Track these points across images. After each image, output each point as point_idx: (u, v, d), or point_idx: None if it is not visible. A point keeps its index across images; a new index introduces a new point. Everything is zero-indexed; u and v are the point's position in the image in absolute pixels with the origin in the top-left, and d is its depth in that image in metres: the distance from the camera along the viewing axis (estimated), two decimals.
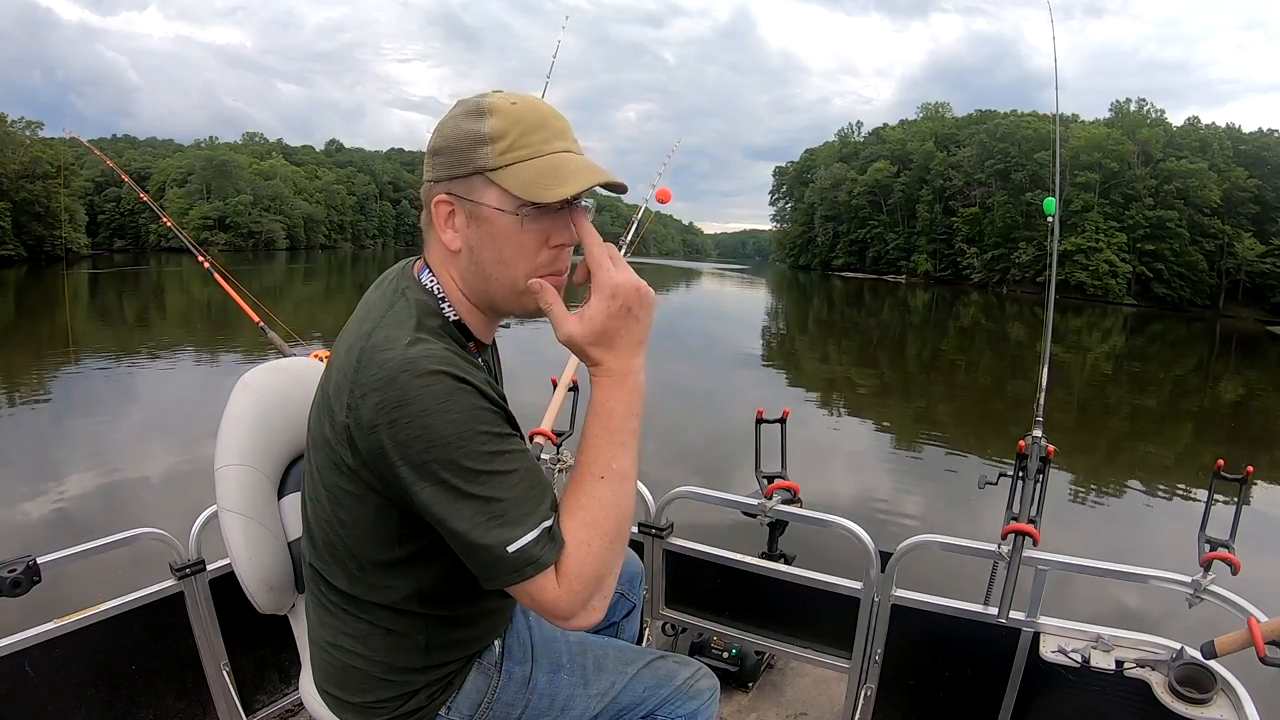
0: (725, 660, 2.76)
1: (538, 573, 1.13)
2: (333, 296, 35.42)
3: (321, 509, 1.26)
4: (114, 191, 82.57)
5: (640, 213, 3.34)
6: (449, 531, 1.13)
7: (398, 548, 1.23)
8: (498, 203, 1.18)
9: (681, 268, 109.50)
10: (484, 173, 1.18)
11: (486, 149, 1.17)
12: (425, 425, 1.08)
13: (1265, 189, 63.06)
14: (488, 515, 1.11)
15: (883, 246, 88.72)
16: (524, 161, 1.17)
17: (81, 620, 1.98)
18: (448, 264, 1.27)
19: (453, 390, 1.11)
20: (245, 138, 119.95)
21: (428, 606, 1.29)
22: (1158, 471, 10.50)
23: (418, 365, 1.11)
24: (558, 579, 1.14)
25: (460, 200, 1.21)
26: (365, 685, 1.33)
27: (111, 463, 8.35)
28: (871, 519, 7.05)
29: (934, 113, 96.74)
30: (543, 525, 1.14)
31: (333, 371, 1.21)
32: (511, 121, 1.18)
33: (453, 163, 1.20)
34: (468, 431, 1.10)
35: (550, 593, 1.14)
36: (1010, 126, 74.71)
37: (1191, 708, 1.87)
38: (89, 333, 19.28)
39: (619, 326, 1.19)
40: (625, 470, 1.21)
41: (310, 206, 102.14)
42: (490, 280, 1.25)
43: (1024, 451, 2.17)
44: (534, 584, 1.14)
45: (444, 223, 1.23)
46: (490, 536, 1.11)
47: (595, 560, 1.16)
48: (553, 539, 1.15)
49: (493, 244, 1.21)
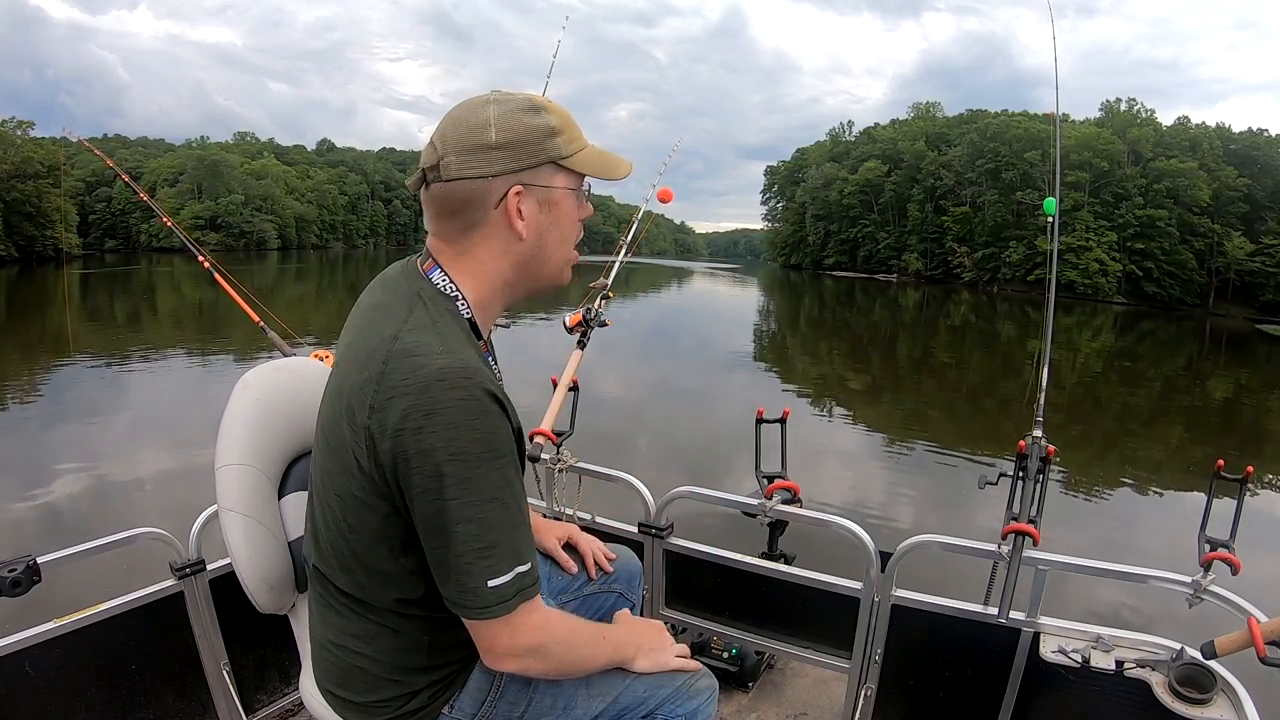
0: (725, 660, 2.76)
1: (502, 614, 1.22)
2: (325, 296, 35.41)
3: (329, 512, 1.26)
4: (105, 191, 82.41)
5: (640, 213, 3.34)
6: (439, 549, 1.18)
7: (402, 558, 1.24)
8: (566, 184, 1.32)
9: (673, 267, 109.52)
10: (556, 160, 1.29)
11: (558, 139, 1.28)
12: (451, 439, 1.12)
13: (1255, 188, 63.40)
14: (481, 545, 1.17)
15: (874, 246, 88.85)
16: (584, 149, 1.33)
17: (81, 620, 1.97)
18: (501, 256, 1.33)
19: (484, 410, 1.15)
20: (236, 137, 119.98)
21: (432, 609, 1.29)
22: (1148, 469, 10.54)
23: (453, 377, 1.14)
24: (510, 629, 1.24)
25: (531, 188, 1.28)
26: (368, 685, 1.33)
27: (109, 463, 8.36)
28: (869, 518, 7.06)
29: (925, 112, 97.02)
30: (518, 569, 1.21)
31: (350, 372, 1.22)
32: (564, 118, 1.30)
33: (525, 154, 1.26)
34: (489, 455, 1.16)
35: (501, 638, 1.25)
36: (1001, 126, 74.82)
37: (1191, 708, 1.87)
38: (84, 334, 19.22)
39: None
40: (589, 662, 1.43)
41: (302, 206, 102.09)
42: (548, 260, 1.37)
43: (1024, 451, 2.17)
44: (490, 626, 1.23)
45: (516, 212, 1.28)
46: (477, 566, 1.18)
47: (553, 644, 1.31)
48: (524, 583, 1.23)
49: (558, 225, 1.34)
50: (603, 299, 2.90)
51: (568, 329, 2.88)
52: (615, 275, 3.10)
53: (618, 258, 3.20)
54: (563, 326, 2.89)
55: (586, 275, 2.61)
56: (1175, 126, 71.04)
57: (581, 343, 2.88)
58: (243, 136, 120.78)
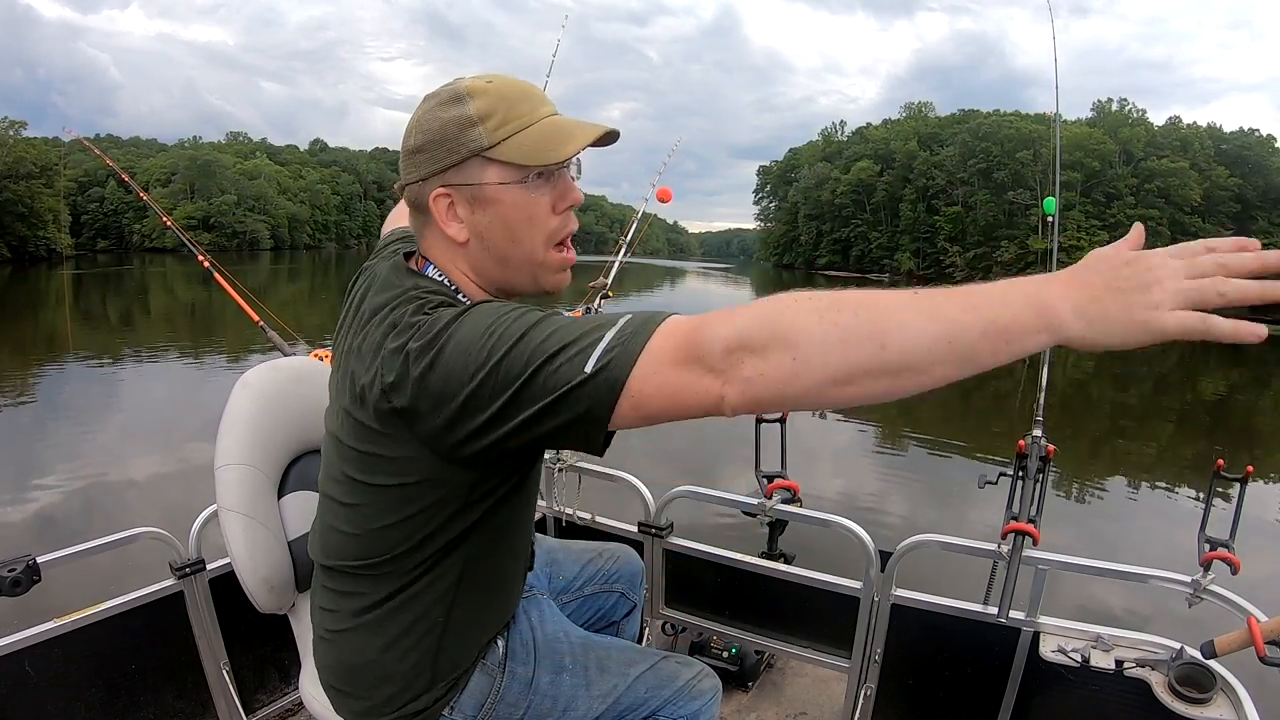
0: (725, 660, 2.76)
1: (638, 344, 0.94)
2: (317, 296, 35.28)
3: (338, 511, 1.26)
4: (97, 192, 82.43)
5: (639, 214, 3.34)
6: (534, 414, 0.99)
7: (413, 558, 1.23)
8: (500, 178, 1.18)
9: (666, 267, 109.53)
10: (480, 154, 1.16)
11: (478, 129, 1.16)
12: (461, 339, 1.03)
13: (1246, 187, 63.79)
14: (551, 354, 0.97)
15: (866, 245, 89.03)
16: (521, 132, 1.17)
17: (81, 620, 1.97)
18: (455, 258, 1.25)
19: (485, 307, 1.07)
20: (229, 137, 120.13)
21: (442, 610, 1.28)
22: (1142, 468, 10.56)
23: (447, 314, 1.08)
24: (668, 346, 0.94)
25: (458, 188, 1.19)
26: (373, 685, 1.33)
27: (106, 464, 8.32)
28: (868, 518, 7.07)
29: (917, 112, 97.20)
30: (611, 329, 0.97)
31: (350, 360, 1.19)
32: (496, 98, 1.17)
33: (442, 154, 1.17)
34: (505, 317, 1.03)
35: (675, 335, 0.94)
36: (993, 126, 75.07)
37: (1191, 707, 1.87)
38: (80, 334, 19.16)
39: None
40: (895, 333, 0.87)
41: (294, 206, 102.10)
42: (507, 262, 1.24)
43: (1024, 451, 2.17)
44: (651, 344, 0.94)
45: (446, 217, 1.20)
46: (563, 371, 0.96)
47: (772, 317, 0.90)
48: (641, 324, 0.97)
49: (502, 223, 1.20)
50: (603, 299, 2.90)
51: None
52: (614, 275, 3.08)
53: (617, 257, 3.19)
54: None
55: (586, 275, 2.61)
56: (1166, 126, 71.36)
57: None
58: (235, 136, 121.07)
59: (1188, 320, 0.82)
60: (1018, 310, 0.85)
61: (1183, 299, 0.83)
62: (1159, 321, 0.82)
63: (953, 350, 0.85)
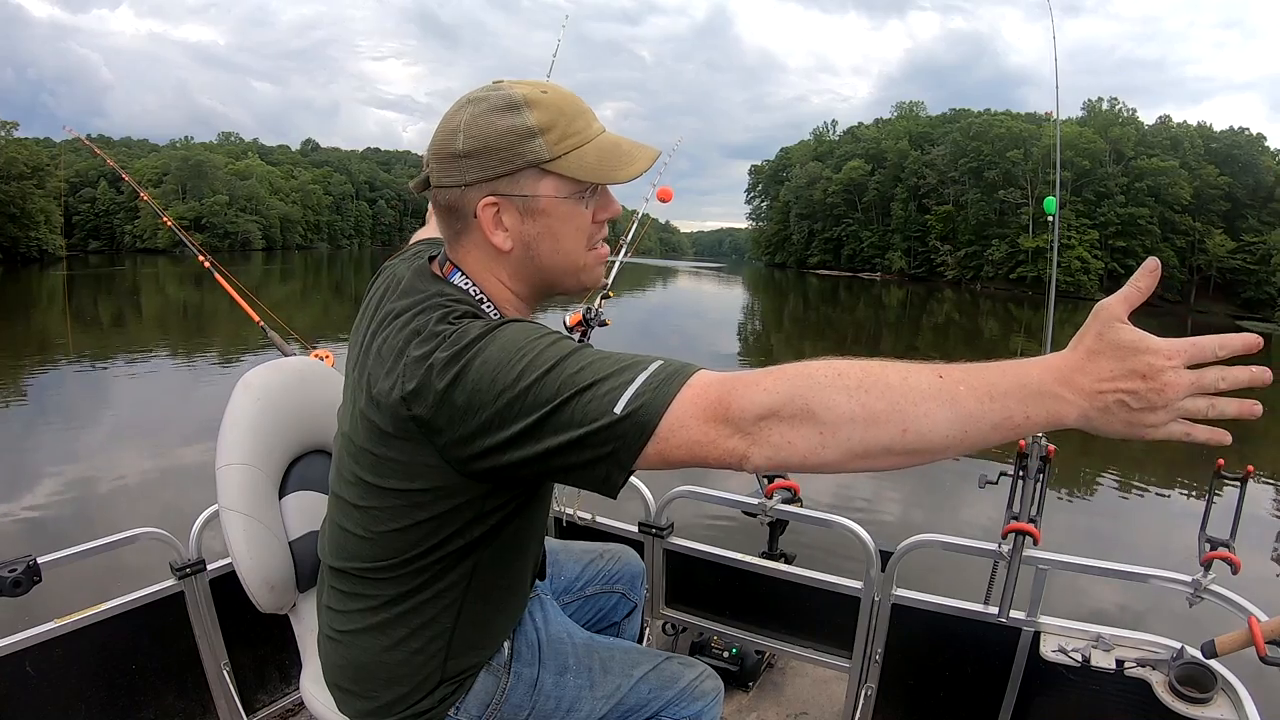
0: (725, 660, 2.75)
1: (669, 394, 0.96)
2: (309, 296, 35.28)
3: (349, 513, 1.25)
4: (89, 193, 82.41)
5: (640, 214, 3.34)
6: (556, 446, 1.00)
7: (423, 559, 1.22)
8: (555, 191, 1.18)
9: (659, 266, 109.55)
10: (539, 165, 1.15)
11: (538, 141, 1.14)
12: (490, 358, 1.04)
13: (1235, 186, 64.20)
14: (581, 389, 0.99)
15: (857, 244, 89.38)
16: (580, 148, 1.17)
17: (81, 620, 1.96)
18: (494, 265, 1.24)
19: (515, 327, 1.08)
20: (221, 137, 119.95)
21: (451, 611, 1.28)
22: (1140, 468, 10.58)
23: (474, 326, 1.08)
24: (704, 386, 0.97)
25: (508, 198, 1.17)
26: (380, 685, 1.32)
27: (104, 465, 8.29)
28: (868, 518, 7.07)
29: (908, 112, 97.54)
30: (644, 372, 0.99)
31: (368, 361, 1.18)
32: (555, 111, 1.16)
33: (495, 161, 1.15)
34: (538, 342, 1.05)
35: (696, 420, 0.96)
36: (984, 125, 75.34)
37: (1192, 707, 1.88)
38: (75, 335, 19.11)
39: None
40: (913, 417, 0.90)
41: (286, 206, 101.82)
42: (549, 269, 1.24)
43: (1024, 450, 2.18)
44: (683, 395, 0.96)
45: (493, 225, 1.19)
46: (592, 408, 0.97)
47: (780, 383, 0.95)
48: (671, 373, 0.99)
49: (550, 234, 1.21)
50: (603, 298, 2.89)
51: (568, 328, 2.86)
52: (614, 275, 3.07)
53: (617, 257, 3.19)
54: (563, 326, 2.87)
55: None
56: (1157, 125, 71.84)
57: (582, 342, 2.86)
58: (227, 136, 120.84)
59: (1174, 431, 0.88)
60: (1032, 411, 0.89)
61: (1181, 413, 0.88)
62: (1153, 434, 0.88)
63: (965, 439, 0.90)
